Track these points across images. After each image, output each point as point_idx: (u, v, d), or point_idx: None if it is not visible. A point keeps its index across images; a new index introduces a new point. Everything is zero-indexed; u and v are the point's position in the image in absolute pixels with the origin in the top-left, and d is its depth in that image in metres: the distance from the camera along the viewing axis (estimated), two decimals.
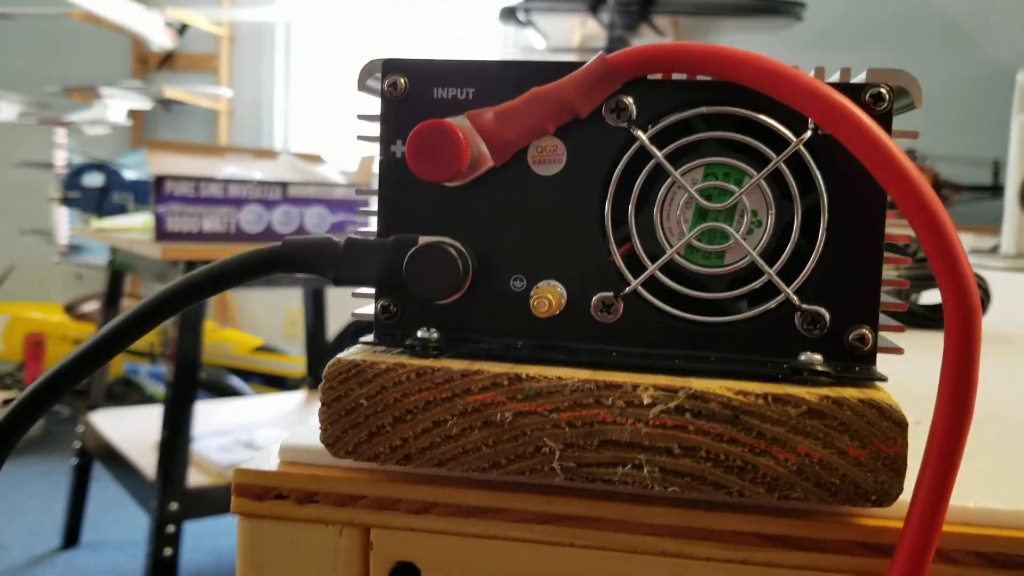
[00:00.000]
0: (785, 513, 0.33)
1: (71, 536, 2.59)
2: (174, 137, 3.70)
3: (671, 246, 0.35)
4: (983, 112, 3.02)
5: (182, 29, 3.82)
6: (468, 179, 0.35)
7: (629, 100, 0.35)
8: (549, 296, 0.34)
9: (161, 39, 3.41)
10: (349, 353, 0.35)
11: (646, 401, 0.32)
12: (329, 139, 3.92)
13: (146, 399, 3.31)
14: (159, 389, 3.30)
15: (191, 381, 2.06)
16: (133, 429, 2.41)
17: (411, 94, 0.36)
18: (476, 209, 0.36)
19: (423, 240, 0.35)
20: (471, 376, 0.33)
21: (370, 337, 0.36)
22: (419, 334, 0.35)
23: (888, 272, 0.35)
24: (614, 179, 0.35)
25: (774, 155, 0.34)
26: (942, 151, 3.08)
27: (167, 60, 3.95)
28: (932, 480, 0.30)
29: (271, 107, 3.88)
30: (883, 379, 0.33)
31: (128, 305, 3.58)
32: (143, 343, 3.45)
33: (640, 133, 0.34)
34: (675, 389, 0.32)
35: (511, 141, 0.35)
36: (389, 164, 0.36)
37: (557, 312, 0.35)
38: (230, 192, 2.04)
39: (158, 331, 3.42)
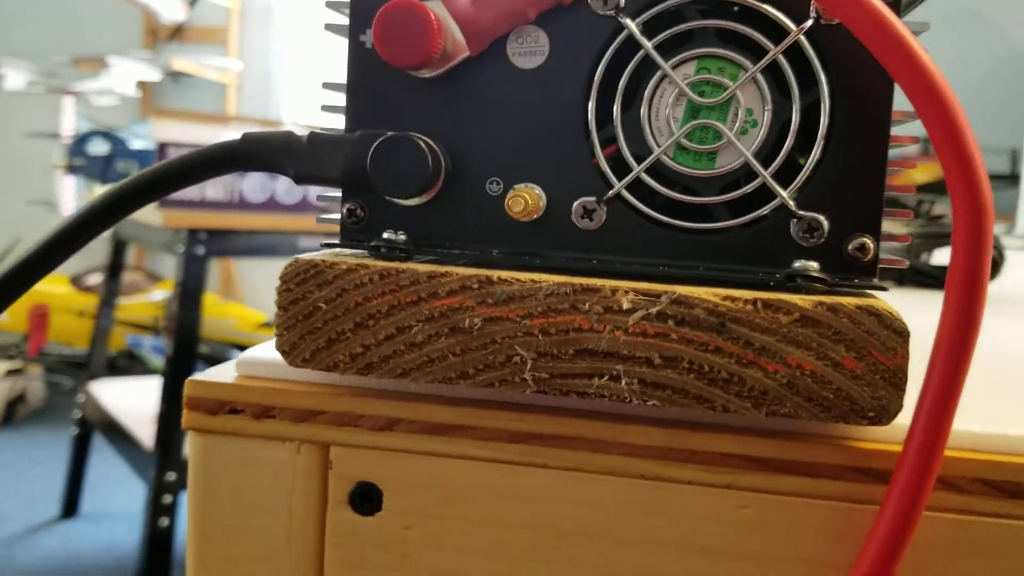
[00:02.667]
0: (774, 434, 0.31)
1: (70, 506, 2.58)
2: (182, 107, 3.68)
3: (659, 146, 0.32)
4: (1001, 99, 2.97)
5: (193, 1, 3.80)
6: (442, 69, 0.33)
7: None
8: (525, 195, 0.32)
9: (171, 11, 3.39)
10: (311, 254, 0.32)
11: (625, 306, 0.30)
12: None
13: (149, 372, 3.30)
14: (162, 362, 3.28)
15: (190, 354, 2.04)
16: (133, 400, 2.40)
17: None
18: (450, 104, 0.34)
19: (391, 134, 0.33)
20: (438, 278, 0.31)
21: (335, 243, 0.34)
22: (385, 235, 0.32)
23: (892, 225, 0.32)
24: (599, 73, 0.32)
25: (772, 46, 0.31)
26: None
27: (177, 32, 3.93)
28: (935, 397, 0.28)
29: (280, 80, 3.86)
30: (883, 288, 0.30)
31: (132, 278, 3.57)
32: (147, 316, 3.43)
33: (629, 21, 0.32)
34: (657, 294, 0.29)
35: (488, 28, 0.32)
36: (358, 55, 0.34)
37: (535, 215, 0.33)
38: None
39: (161, 304, 3.41)
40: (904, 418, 0.29)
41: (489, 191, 0.33)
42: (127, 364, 3.57)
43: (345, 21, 0.34)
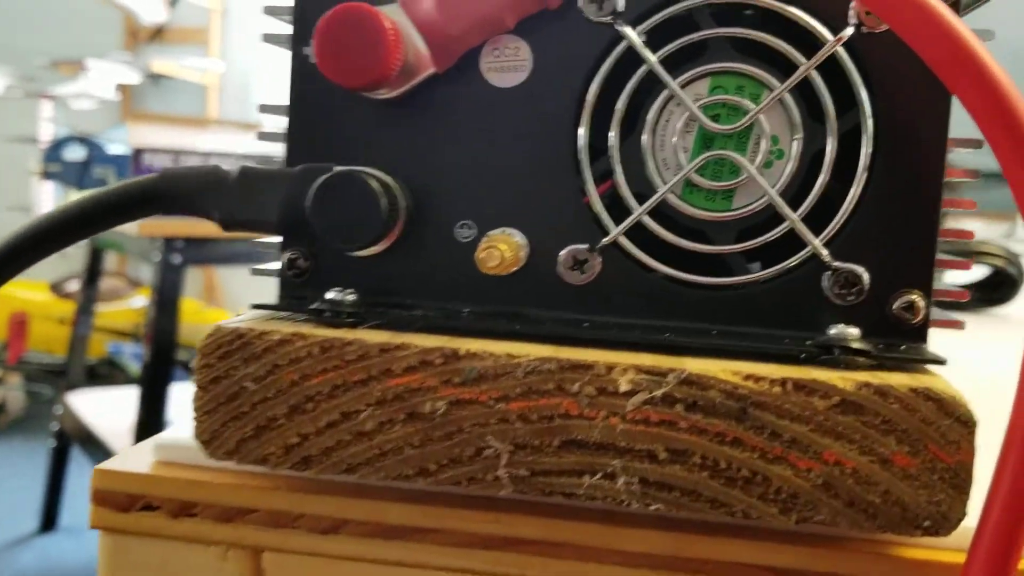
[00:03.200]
0: (804, 540, 0.25)
1: (48, 520, 2.52)
2: (163, 111, 3.60)
3: (664, 182, 0.27)
4: None
5: (174, 1, 3.73)
6: (402, 89, 0.27)
7: None
8: (501, 247, 0.26)
9: (152, 12, 3.32)
10: (236, 320, 0.26)
11: (624, 388, 0.24)
12: None
13: (131, 380, 3.23)
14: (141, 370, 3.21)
15: (168, 362, 1.99)
16: (110, 411, 2.34)
17: None
18: (412, 131, 0.28)
19: (338, 170, 0.27)
20: (392, 352, 0.25)
21: (271, 302, 0.28)
22: (329, 295, 0.27)
23: (946, 222, 0.26)
24: (592, 92, 0.27)
25: (803, 59, 0.25)
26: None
27: (157, 33, 3.85)
28: (1008, 501, 0.22)
29: (261, 81, 3.79)
30: (940, 361, 0.25)
31: (112, 284, 3.51)
32: (128, 323, 3.37)
33: (628, 30, 0.26)
34: (663, 372, 0.24)
35: (457, 38, 0.26)
36: (301, 71, 0.28)
37: (512, 269, 0.27)
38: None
39: (142, 311, 3.34)
40: (968, 521, 0.23)
41: (459, 237, 0.28)
42: (108, 372, 3.50)
43: (287, 30, 0.28)
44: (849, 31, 0.25)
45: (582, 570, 0.26)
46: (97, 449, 2.19)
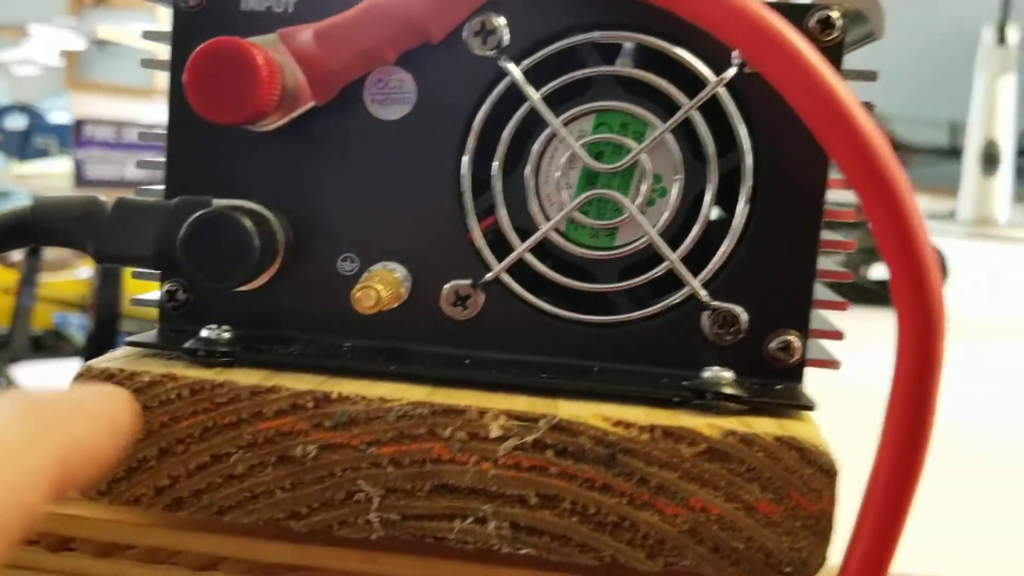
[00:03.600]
0: None
1: None
2: (110, 79, 3.53)
3: (548, 219, 0.26)
4: (940, 70, 2.95)
5: None
6: (282, 121, 0.26)
7: (500, 21, 0.26)
8: (378, 287, 0.25)
9: None
10: (107, 358, 0.26)
11: (495, 433, 0.24)
12: None
13: (77, 351, 3.19)
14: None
15: (111, 333, 1.97)
16: (55, 383, 2.31)
17: (211, 3, 0.27)
18: (295, 164, 0.27)
19: (216, 205, 0.26)
20: (263, 395, 0.24)
21: (148, 335, 0.27)
22: (204, 333, 0.26)
23: (825, 261, 0.26)
24: (475, 127, 0.26)
25: (687, 100, 0.25)
26: (897, 111, 3.00)
27: None
28: (868, 549, 0.23)
29: None
30: (810, 407, 0.25)
31: (59, 254, 3.44)
32: (74, 294, 3.31)
33: (512, 66, 0.26)
34: (535, 418, 0.24)
35: (337, 71, 0.26)
36: (180, 99, 0.27)
37: (393, 306, 0.26)
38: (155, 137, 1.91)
39: (88, 282, 3.29)
40: (832, 560, 0.23)
41: (341, 270, 0.27)
42: (54, 343, 3.45)
43: (166, 55, 0.28)
44: (731, 72, 0.25)
45: None
46: None
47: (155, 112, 2.11)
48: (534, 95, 0.26)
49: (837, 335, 0.26)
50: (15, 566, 0.27)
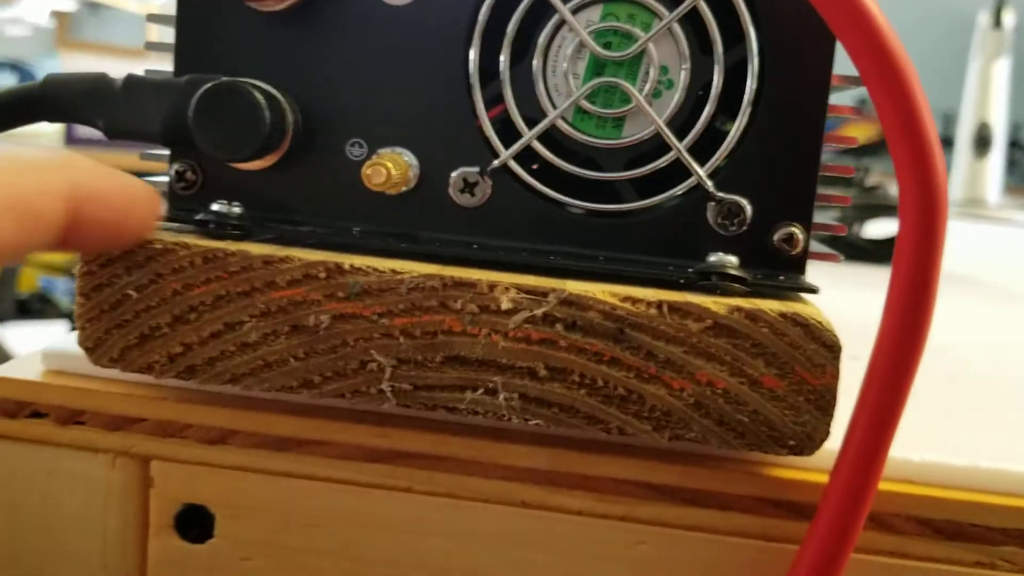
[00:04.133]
0: (679, 459, 0.26)
1: None
2: (101, 40, 3.50)
3: (555, 107, 0.27)
4: (933, 61, 2.95)
5: None
6: (290, 1, 0.27)
7: None
8: (388, 164, 0.26)
9: None
10: None
11: (505, 306, 0.24)
12: None
13: (63, 315, 3.18)
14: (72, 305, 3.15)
15: None
16: (42, 345, 2.30)
17: None
18: (302, 47, 0.27)
19: (222, 80, 0.26)
20: (276, 264, 0.25)
21: None
22: (214, 207, 0.26)
23: (828, 157, 0.27)
24: (483, 14, 0.27)
25: None
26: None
27: None
28: (869, 423, 0.23)
29: None
30: (813, 290, 0.25)
31: None
32: (59, 258, 3.29)
33: None
34: (544, 292, 0.24)
35: None
36: None
37: (402, 188, 0.27)
38: None
39: None
40: (832, 443, 0.24)
41: (350, 155, 0.28)
42: (40, 306, 3.44)
43: None
44: None
45: (466, 483, 0.26)
46: None
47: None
48: None
49: (841, 228, 0.27)
50: (24, 439, 0.28)
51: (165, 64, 0.28)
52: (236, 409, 0.27)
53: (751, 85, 0.26)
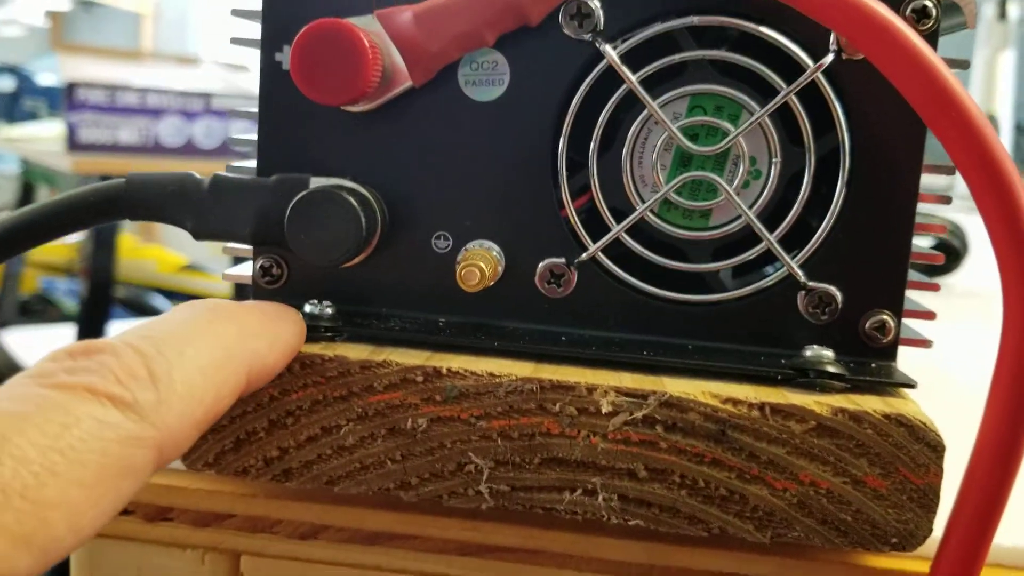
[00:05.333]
0: (775, 550, 0.26)
1: None
2: (95, 41, 3.48)
3: (643, 200, 0.27)
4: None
5: None
6: (379, 102, 0.27)
7: (595, 4, 0.26)
8: (481, 264, 0.26)
9: None
10: None
11: (605, 409, 0.24)
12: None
13: (65, 317, 3.17)
14: (76, 306, 3.15)
15: (105, 298, 1.96)
16: (45, 349, 2.29)
17: None
18: (389, 143, 0.27)
19: (315, 183, 0.26)
20: (374, 369, 0.25)
21: None
22: (307, 309, 0.26)
23: (916, 243, 0.27)
24: (572, 109, 0.27)
25: (783, 84, 0.26)
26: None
27: None
28: (972, 517, 0.23)
29: (198, 11, 3.67)
30: (911, 385, 0.25)
31: None
32: (61, 258, 3.29)
33: (608, 48, 0.26)
34: (644, 395, 0.24)
35: (436, 53, 0.26)
36: (272, 78, 0.27)
37: (491, 284, 0.27)
38: (148, 102, 1.89)
39: (76, 246, 3.27)
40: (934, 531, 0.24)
41: (436, 247, 0.28)
42: (42, 308, 3.43)
43: (256, 32, 0.28)
44: (829, 58, 0.25)
45: None
46: None
47: (146, 76, 2.08)
48: (631, 77, 0.26)
49: (930, 315, 0.27)
50: (111, 536, 0.28)
51: (160, 67, 0.28)
52: (326, 504, 0.27)
53: (843, 175, 0.26)
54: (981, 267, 0.78)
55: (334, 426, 0.25)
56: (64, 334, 2.33)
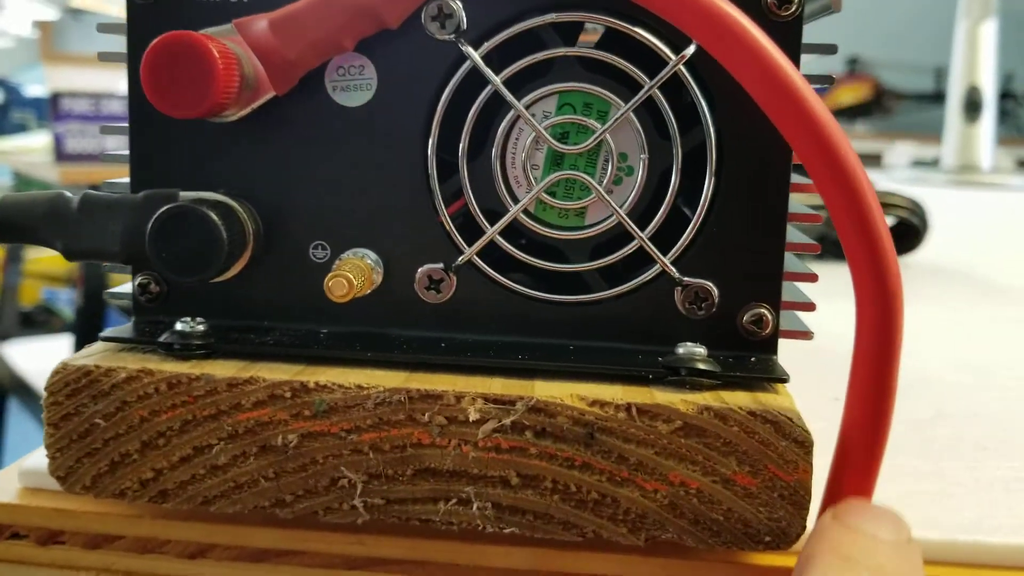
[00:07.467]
0: (658, 551, 0.26)
1: None
2: (86, 50, 3.48)
3: (516, 201, 0.27)
4: (924, 15, 2.93)
5: None
6: (244, 112, 0.26)
7: (456, 4, 0.26)
8: (349, 275, 0.26)
9: None
10: (83, 354, 0.26)
11: (473, 417, 0.24)
12: None
13: (67, 326, 3.18)
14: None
15: (101, 307, 1.97)
16: (46, 360, 2.30)
17: None
18: (260, 153, 0.27)
19: (184, 197, 0.26)
20: (240, 387, 0.24)
21: (123, 328, 0.28)
22: (178, 327, 0.26)
23: (794, 233, 0.26)
24: (439, 111, 0.26)
25: (647, 79, 0.25)
26: (883, 57, 2.99)
27: None
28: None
29: None
30: (784, 380, 0.25)
31: None
32: (62, 269, 3.30)
33: (471, 50, 0.26)
34: (511, 400, 0.24)
35: (295, 60, 0.26)
36: (140, 92, 0.27)
37: (366, 292, 0.27)
38: None
39: None
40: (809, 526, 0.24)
41: (314, 258, 0.27)
42: (44, 318, 3.44)
43: (122, 47, 0.27)
44: (691, 50, 0.25)
45: None
46: (35, 399, 2.17)
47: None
48: (495, 79, 0.26)
49: (809, 306, 0.27)
50: (6, 560, 0.28)
51: None
52: (212, 523, 0.27)
53: (711, 168, 0.25)
54: (950, 242, 0.77)
55: (206, 446, 0.25)
56: (66, 345, 2.34)
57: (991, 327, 0.52)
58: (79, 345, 1.95)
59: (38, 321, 3.37)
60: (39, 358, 2.37)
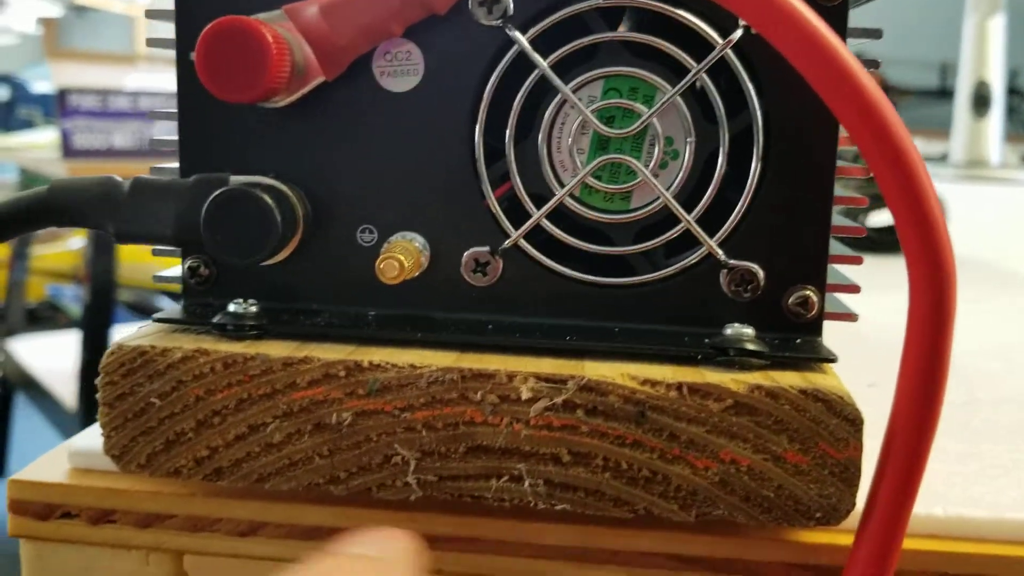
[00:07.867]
0: (706, 529, 0.26)
1: None
2: (89, 46, 3.48)
3: (563, 185, 0.27)
4: (929, 11, 2.93)
5: None
6: (294, 97, 0.27)
7: None
8: (400, 257, 0.26)
9: None
10: (137, 335, 0.26)
11: (525, 395, 0.24)
12: None
13: (73, 322, 3.19)
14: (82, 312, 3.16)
15: (108, 303, 1.97)
16: (53, 355, 2.31)
17: None
18: (307, 138, 0.27)
19: (234, 182, 0.26)
20: (296, 366, 0.25)
21: (174, 310, 0.28)
22: (231, 308, 0.27)
23: (838, 217, 0.27)
24: (486, 97, 0.27)
25: (694, 63, 0.25)
26: (888, 53, 3.00)
27: None
28: (892, 486, 0.23)
29: None
30: (831, 360, 0.25)
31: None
32: (66, 265, 3.30)
33: (518, 35, 0.26)
34: (563, 379, 0.24)
35: (345, 46, 0.26)
36: (189, 78, 0.27)
37: (414, 274, 0.27)
38: (140, 105, 1.90)
39: (80, 252, 3.28)
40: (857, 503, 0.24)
41: (361, 241, 0.28)
42: (50, 314, 3.45)
43: (171, 33, 0.28)
44: (738, 34, 0.25)
45: (495, 563, 0.27)
46: (41, 395, 2.17)
47: (139, 79, 2.08)
48: (542, 63, 0.26)
49: (854, 288, 0.27)
50: (57, 540, 0.28)
51: (157, 70, 0.28)
52: (264, 501, 0.27)
53: (758, 151, 0.26)
54: (963, 235, 0.78)
55: (260, 424, 0.25)
56: (72, 341, 2.35)
57: (1014, 316, 0.53)
58: (86, 341, 1.95)
59: (43, 317, 3.38)
60: (45, 354, 2.38)
